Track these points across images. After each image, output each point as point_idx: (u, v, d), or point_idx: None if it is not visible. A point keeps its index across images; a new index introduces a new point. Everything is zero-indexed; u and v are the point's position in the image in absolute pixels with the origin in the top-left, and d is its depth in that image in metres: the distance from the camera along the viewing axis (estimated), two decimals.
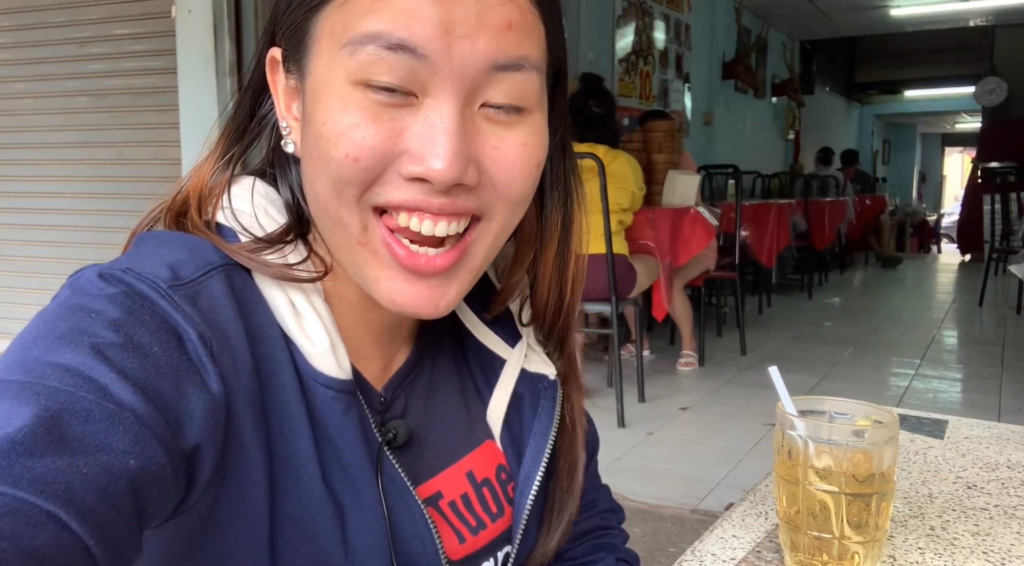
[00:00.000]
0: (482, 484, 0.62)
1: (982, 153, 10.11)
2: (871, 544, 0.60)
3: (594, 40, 6.06)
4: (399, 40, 0.46)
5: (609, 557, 0.73)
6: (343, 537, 0.52)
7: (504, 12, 0.48)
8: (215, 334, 0.47)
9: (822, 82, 12.02)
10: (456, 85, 0.48)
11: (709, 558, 0.64)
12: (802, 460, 0.60)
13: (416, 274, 0.51)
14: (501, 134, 0.50)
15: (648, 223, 3.63)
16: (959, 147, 20.77)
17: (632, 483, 2.63)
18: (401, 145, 0.48)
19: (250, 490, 0.49)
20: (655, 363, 4.31)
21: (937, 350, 4.82)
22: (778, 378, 0.65)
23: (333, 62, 0.48)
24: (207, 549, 0.50)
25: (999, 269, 7.23)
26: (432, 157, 0.47)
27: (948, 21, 10.06)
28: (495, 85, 0.49)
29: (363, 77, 0.47)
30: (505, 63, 0.48)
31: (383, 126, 0.48)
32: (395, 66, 0.47)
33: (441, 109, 0.48)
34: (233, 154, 0.57)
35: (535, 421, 0.62)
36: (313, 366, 0.52)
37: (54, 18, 3.76)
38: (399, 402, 0.60)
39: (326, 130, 0.48)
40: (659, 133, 4.21)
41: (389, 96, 0.48)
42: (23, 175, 3.88)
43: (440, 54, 0.47)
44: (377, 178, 0.49)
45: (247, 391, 0.48)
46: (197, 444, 0.45)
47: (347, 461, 0.53)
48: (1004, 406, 3.58)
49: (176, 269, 0.48)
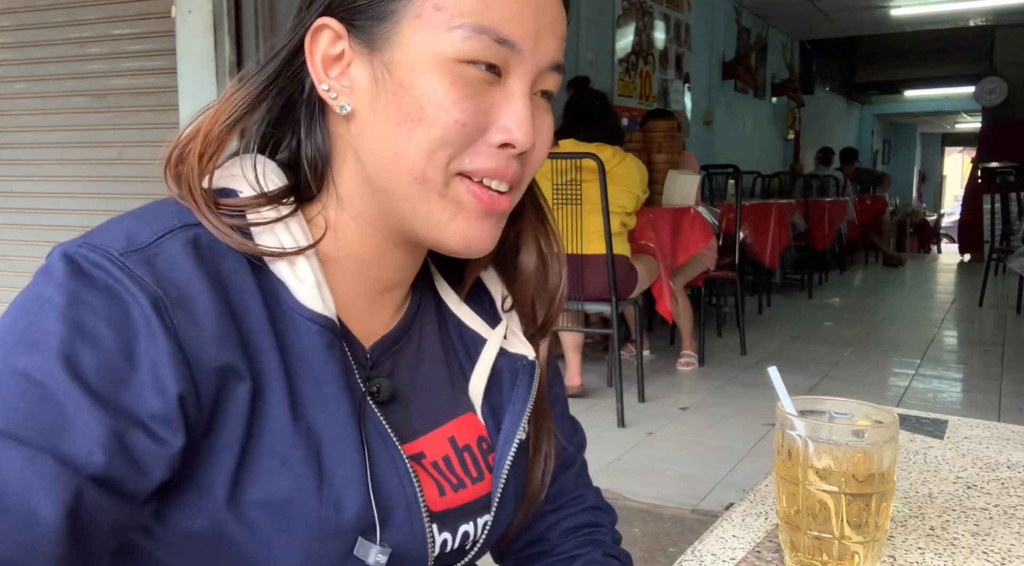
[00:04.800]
0: (463, 449, 0.66)
1: (982, 153, 10.10)
2: (871, 544, 0.60)
3: (594, 40, 6.05)
4: (506, 36, 0.56)
5: (596, 551, 0.74)
6: (319, 467, 0.55)
7: (561, 24, 0.60)
8: (170, 292, 0.51)
9: (822, 82, 12.01)
10: (532, 74, 0.58)
11: (709, 558, 0.64)
12: (802, 460, 0.60)
13: (489, 213, 0.60)
14: (543, 117, 0.61)
15: (648, 223, 3.63)
16: (959, 147, 20.77)
17: (632, 483, 2.63)
18: (491, 117, 0.58)
19: (229, 428, 0.53)
20: (655, 363, 4.31)
21: (937, 350, 4.82)
22: (778, 378, 0.65)
23: (440, 39, 0.56)
24: (178, 488, 0.52)
25: (999, 269, 7.23)
26: (517, 128, 0.57)
27: (948, 21, 10.06)
28: (548, 78, 0.60)
29: (471, 58, 0.56)
30: (558, 64, 0.61)
31: (481, 100, 0.57)
32: (498, 55, 0.56)
33: (519, 90, 0.58)
34: (244, 110, 0.60)
35: (513, 393, 0.68)
36: (299, 301, 0.56)
37: (54, 18, 3.76)
38: (386, 365, 0.65)
39: (436, 98, 0.56)
40: (659, 133, 4.21)
41: (487, 74, 0.56)
42: (23, 175, 3.88)
43: (529, 51, 0.57)
44: (471, 143, 0.57)
45: (215, 343, 0.52)
46: (164, 412, 0.49)
47: (327, 394, 0.56)
48: (1004, 406, 3.58)
49: (132, 237, 0.52)
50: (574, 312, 3.51)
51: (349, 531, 0.55)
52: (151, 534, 0.54)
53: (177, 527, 0.53)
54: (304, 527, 0.54)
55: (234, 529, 0.53)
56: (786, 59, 10.23)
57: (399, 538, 0.58)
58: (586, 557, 0.73)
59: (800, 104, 10.67)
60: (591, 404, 3.53)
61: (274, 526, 0.53)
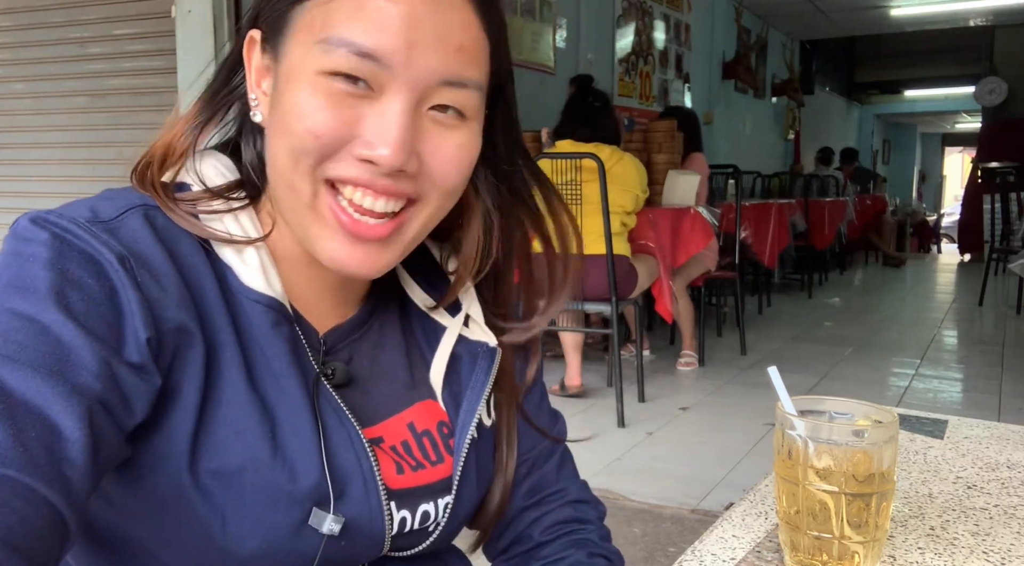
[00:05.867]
0: (423, 434, 0.67)
1: (982, 153, 10.11)
2: (871, 544, 0.60)
3: (594, 40, 6.06)
4: (368, 50, 0.54)
5: (580, 553, 0.73)
6: (273, 438, 0.57)
7: (458, 36, 0.57)
8: (135, 256, 0.54)
9: (822, 82, 12.02)
10: (409, 90, 0.56)
11: (709, 558, 0.64)
12: (802, 460, 0.60)
13: (356, 238, 0.58)
14: (442, 134, 0.59)
15: (648, 223, 3.63)
16: (959, 147, 20.77)
17: (632, 483, 2.63)
18: (356, 130, 0.56)
19: (186, 395, 0.55)
20: (655, 363, 4.31)
21: (937, 350, 4.82)
22: (778, 378, 0.65)
23: (308, 52, 0.56)
24: (140, 454, 0.54)
25: (999, 269, 7.23)
26: (381, 144, 0.56)
27: (948, 21, 10.06)
28: (441, 96, 0.58)
29: (331, 71, 0.55)
30: (452, 80, 0.57)
31: (343, 112, 0.56)
32: (360, 70, 0.55)
33: (394, 106, 0.56)
34: (202, 120, 0.64)
35: (471, 377, 0.69)
36: (243, 283, 0.59)
37: (54, 18, 3.76)
38: (343, 352, 0.67)
39: (294, 108, 0.56)
40: (659, 133, 4.21)
41: (351, 88, 0.55)
42: (23, 175, 3.88)
43: (400, 65, 0.55)
44: (332, 154, 0.57)
45: (176, 305, 0.55)
46: (141, 363, 0.52)
47: (277, 371, 0.59)
48: (1004, 406, 3.58)
49: (96, 211, 0.55)
50: (574, 312, 3.51)
51: (303, 500, 0.57)
52: (113, 503, 0.56)
53: (139, 494, 0.55)
54: (257, 495, 0.56)
55: (191, 496, 0.55)
56: (786, 59, 10.23)
57: (355, 511, 0.59)
58: (570, 559, 0.72)
59: (800, 104, 10.67)
60: (591, 404, 3.53)
61: (227, 495, 0.55)
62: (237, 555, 0.56)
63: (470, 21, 0.57)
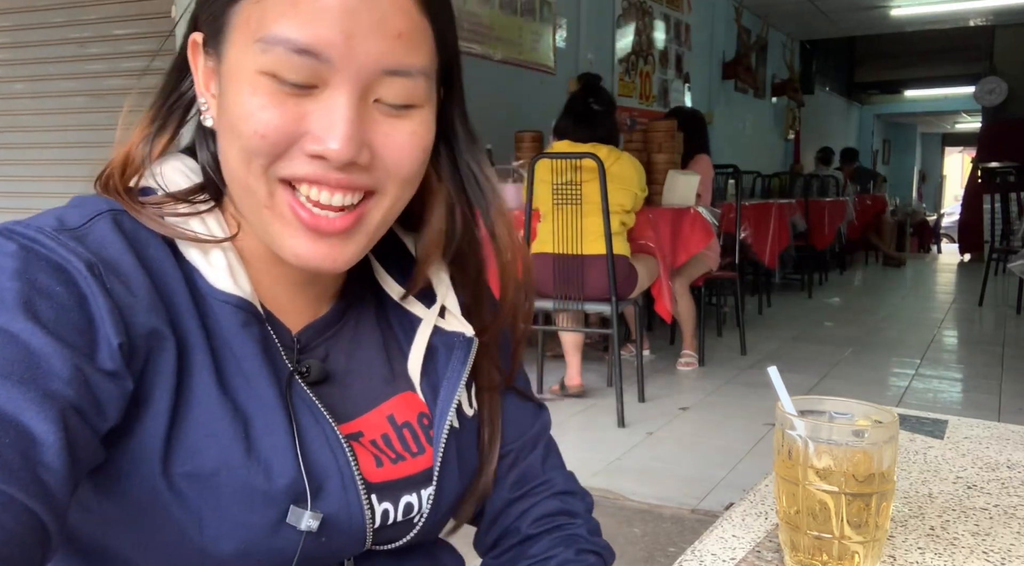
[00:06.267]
0: (403, 426, 0.67)
1: (982, 153, 10.11)
2: (871, 544, 0.60)
3: (594, 40, 6.06)
4: (305, 46, 0.53)
5: (569, 550, 0.72)
6: (246, 438, 0.57)
7: (396, 23, 0.55)
8: (104, 262, 0.54)
9: (822, 82, 12.02)
10: (352, 82, 0.55)
11: (709, 558, 0.64)
12: (802, 460, 0.60)
13: (317, 233, 0.58)
14: (392, 123, 0.58)
15: (648, 223, 3.63)
16: (959, 147, 20.77)
17: (632, 483, 2.63)
18: (303, 127, 0.56)
19: (158, 399, 0.55)
20: (655, 363, 4.31)
21: (937, 350, 4.82)
22: (778, 378, 0.65)
23: (246, 52, 0.55)
24: (114, 459, 0.54)
25: (999, 269, 7.22)
26: (330, 139, 0.55)
27: (948, 21, 10.06)
28: (387, 85, 0.57)
29: (271, 70, 0.54)
30: (394, 69, 0.56)
31: (287, 110, 0.55)
32: (300, 66, 0.54)
33: (339, 99, 0.55)
34: (156, 128, 0.64)
35: (448, 367, 0.69)
36: (211, 284, 0.59)
37: (54, 18, 3.76)
38: (319, 349, 0.66)
39: (238, 110, 0.56)
40: (659, 133, 4.20)
41: (293, 86, 0.55)
42: (23, 175, 3.88)
43: (340, 58, 0.54)
44: (283, 153, 0.56)
45: (146, 310, 0.55)
46: (114, 369, 0.52)
47: (248, 371, 0.59)
48: (1004, 406, 3.58)
49: (62, 219, 0.56)
50: (574, 312, 3.51)
51: (280, 499, 0.57)
52: (91, 511, 0.56)
53: (116, 499, 0.55)
54: (232, 496, 0.56)
55: (167, 499, 0.55)
56: (786, 59, 10.23)
57: (334, 506, 0.59)
58: (558, 558, 0.71)
59: (800, 104, 10.67)
60: (591, 404, 3.53)
61: (203, 497, 0.55)
62: (216, 556, 0.56)
63: (407, 6, 0.56)
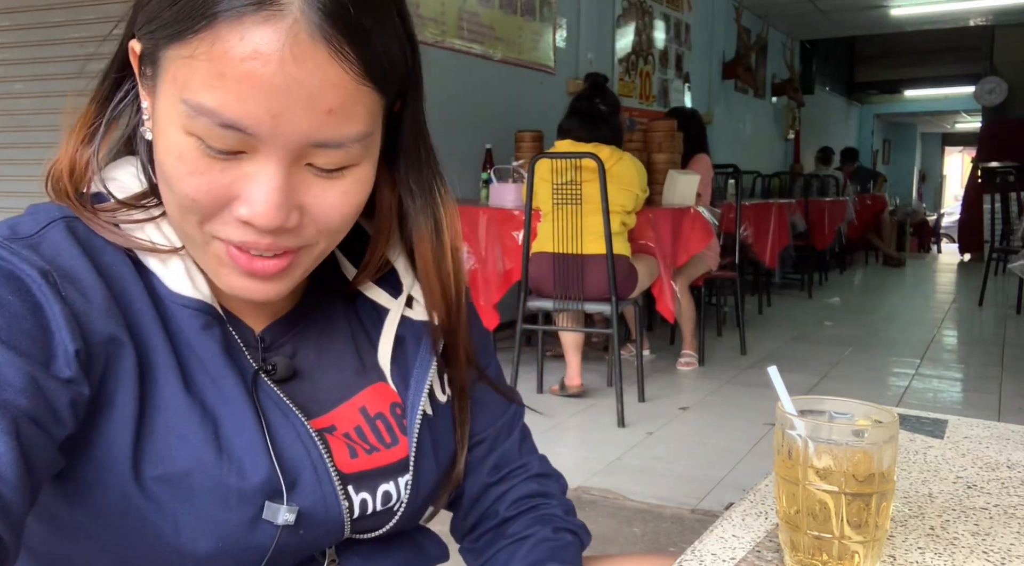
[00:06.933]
0: (375, 417, 0.68)
1: (982, 153, 10.11)
2: (871, 544, 0.60)
3: (594, 40, 6.06)
4: (230, 121, 0.51)
5: (545, 528, 0.74)
6: (216, 439, 0.57)
7: (326, 99, 0.52)
8: (58, 270, 0.53)
9: (822, 82, 12.02)
10: (280, 154, 0.53)
11: (709, 558, 0.64)
12: (802, 460, 0.60)
13: (256, 273, 0.58)
14: (324, 184, 0.56)
15: (648, 223, 3.63)
16: (959, 147, 20.76)
17: (632, 483, 2.63)
18: (233, 190, 0.54)
19: (121, 405, 0.55)
20: (655, 363, 4.31)
21: (937, 350, 4.82)
22: (778, 378, 0.65)
23: (173, 108, 0.53)
24: (80, 468, 0.54)
25: (999, 269, 7.22)
26: (257, 206, 0.54)
27: (948, 21, 10.06)
28: (317, 154, 0.55)
29: (197, 134, 0.53)
30: (324, 142, 0.54)
31: (215, 176, 0.54)
32: (226, 137, 0.52)
33: (267, 169, 0.54)
34: (97, 131, 0.62)
35: (417, 356, 0.69)
36: (169, 288, 0.59)
37: (54, 18, 3.76)
38: (287, 346, 0.67)
39: (168, 169, 0.55)
40: (659, 133, 4.21)
41: (220, 152, 0.53)
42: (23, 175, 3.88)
43: (266, 132, 0.52)
44: (216, 214, 0.55)
45: (103, 317, 0.54)
46: (70, 377, 0.51)
47: (213, 371, 0.59)
48: (1004, 406, 3.58)
49: (15, 228, 0.56)
50: (574, 312, 3.51)
51: (254, 495, 0.57)
52: (61, 525, 0.56)
53: (87, 510, 0.55)
54: (207, 496, 0.56)
55: (140, 505, 0.55)
56: (786, 59, 10.23)
57: (309, 499, 0.60)
58: (536, 536, 0.73)
59: (800, 104, 10.66)
60: (591, 404, 3.53)
61: (177, 499, 0.55)
62: (193, 556, 0.56)
63: (340, 79, 0.52)
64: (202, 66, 0.51)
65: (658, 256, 3.64)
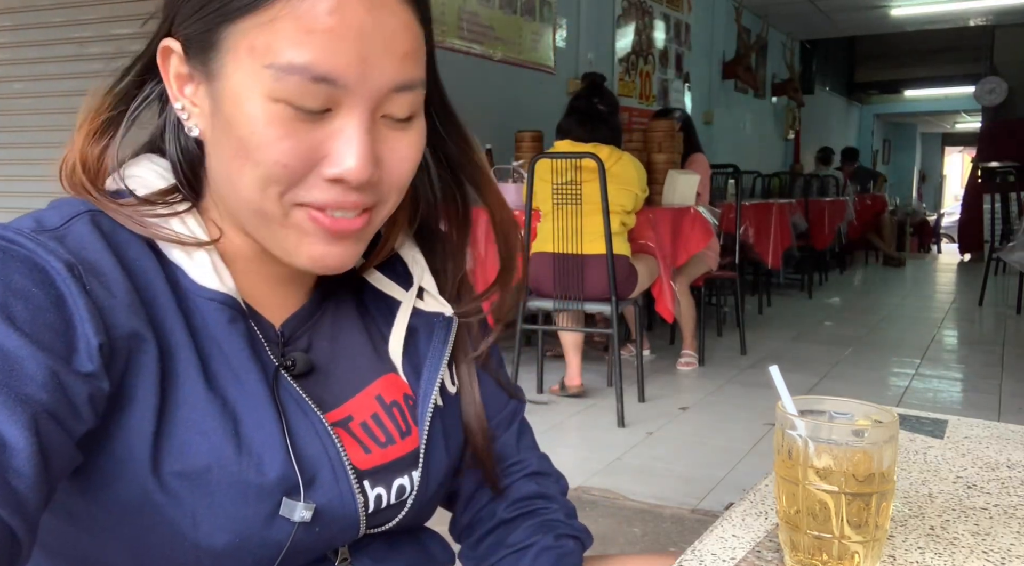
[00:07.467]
0: (391, 405, 0.68)
1: (982, 153, 10.11)
2: (871, 544, 0.60)
3: (594, 40, 6.06)
4: (322, 74, 0.53)
5: (547, 537, 0.73)
6: (236, 435, 0.57)
7: (403, 43, 0.56)
8: (83, 263, 0.53)
9: (822, 82, 12.02)
10: (366, 103, 0.56)
11: (709, 558, 0.64)
12: (802, 460, 0.60)
13: (337, 236, 0.59)
14: (397, 136, 0.59)
15: (648, 223, 3.63)
16: (959, 147, 20.77)
17: (632, 483, 2.63)
18: (321, 151, 0.56)
19: (142, 400, 0.55)
20: (655, 363, 4.31)
21: (937, 350, 4.82)
22: (778, 378, 0.65)
23: (255, 77, 0.54)
24: (99, 462, 0.54)
25: (999, 269, 7.23)
26: (348, 160, 0.56)
27: (948, 21, 10.06)
28: (394, 101, 0.57)
29: (286, 98, 0.54)
30: (404, 85, 0.57)
31: (304, 138, 0.55)
32: (317, 94, 0.54)
33: (353, 122, 0.56)
34: (111, 121, 0.63)
35: (429, 347, 0.70)
36: (195, 281, 0.59)
37: (54, 18, 3.76)
38: (303, 340, 0.67)
39: (254, 139, 0.55)
40: (659, 133, 4.21)
41: (309, 113, 0.55)
42: (23, 175, 3.88)
43: (356, 82, 0.55)
44: (302, 178, 0.56)
45: (127, 311, 0.54)
46: (92, 371, 0.51)
47: (236, 367, 0.59)
48: (1004, 406, 3.58)
49: (40, 221, 0.56)
50: (574, 312, 3.51)
51: (272, 492, 0.58)
52: (78, 519, 0.56)
53: (104, 504, 0.55)
54: (226, 492, 0.56)
55: (158, 500, 0.55)
56: (786, 59, 10.23)
57: (326, 496, 0.60)
58: (538, 545, 0.72)
59: (800, 104, 10.67)
60: (591, 404, 3.53)
61: (196, 494, 0.56)
62: (209, 551, 0.56)
63: (410, 22, 0.57)
64: (287, 26, 0.53)
65: (658, 256, 3.64)
